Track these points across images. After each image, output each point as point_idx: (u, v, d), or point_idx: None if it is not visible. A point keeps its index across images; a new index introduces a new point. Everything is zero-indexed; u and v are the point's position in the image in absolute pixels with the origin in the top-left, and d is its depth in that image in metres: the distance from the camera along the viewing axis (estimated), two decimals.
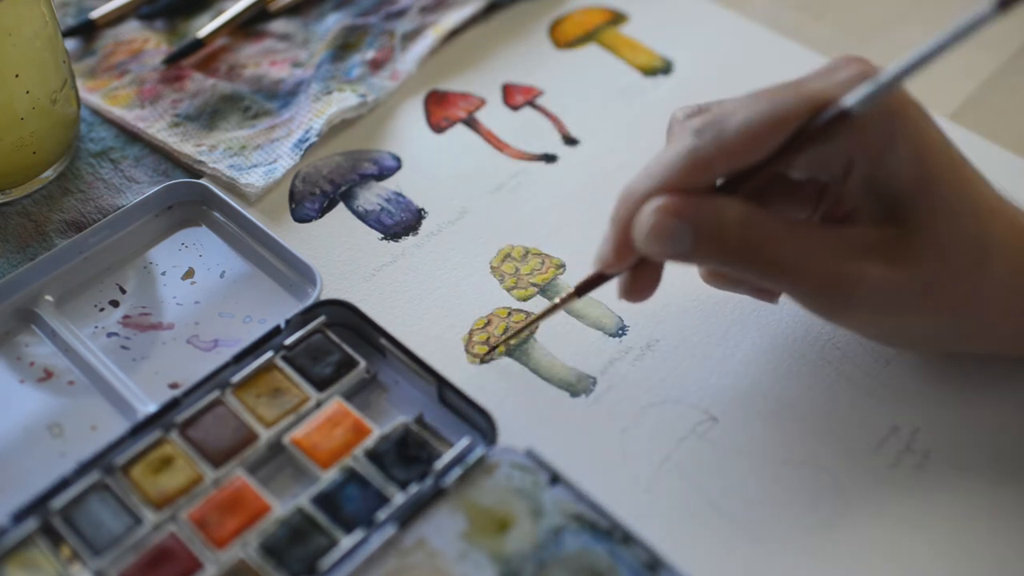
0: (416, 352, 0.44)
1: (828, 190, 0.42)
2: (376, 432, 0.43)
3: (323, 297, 0.46)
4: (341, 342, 0.45)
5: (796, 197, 0.43)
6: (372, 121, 0.56)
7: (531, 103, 0.57)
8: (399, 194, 0.52)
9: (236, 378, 0.44)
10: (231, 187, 0.52)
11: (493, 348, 0.46)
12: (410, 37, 0.59)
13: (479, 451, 0.42)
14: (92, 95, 0.56)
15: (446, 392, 0.44)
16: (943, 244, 0.39)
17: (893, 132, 0.39)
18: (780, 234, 0.38)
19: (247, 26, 0.60)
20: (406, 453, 0.42)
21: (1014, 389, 0.44)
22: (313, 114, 0.54)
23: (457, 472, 0.41)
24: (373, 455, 0.42)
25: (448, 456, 0.42)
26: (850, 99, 0.38)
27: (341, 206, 0.52)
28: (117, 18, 0.60)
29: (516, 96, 0.57)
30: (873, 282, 0.38)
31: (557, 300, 0.44)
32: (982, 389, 0.44)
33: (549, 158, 0.54)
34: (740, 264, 0.39)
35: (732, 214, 0.38)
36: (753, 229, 0.38)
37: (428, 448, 0.42)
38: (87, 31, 0.59)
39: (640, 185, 0.40)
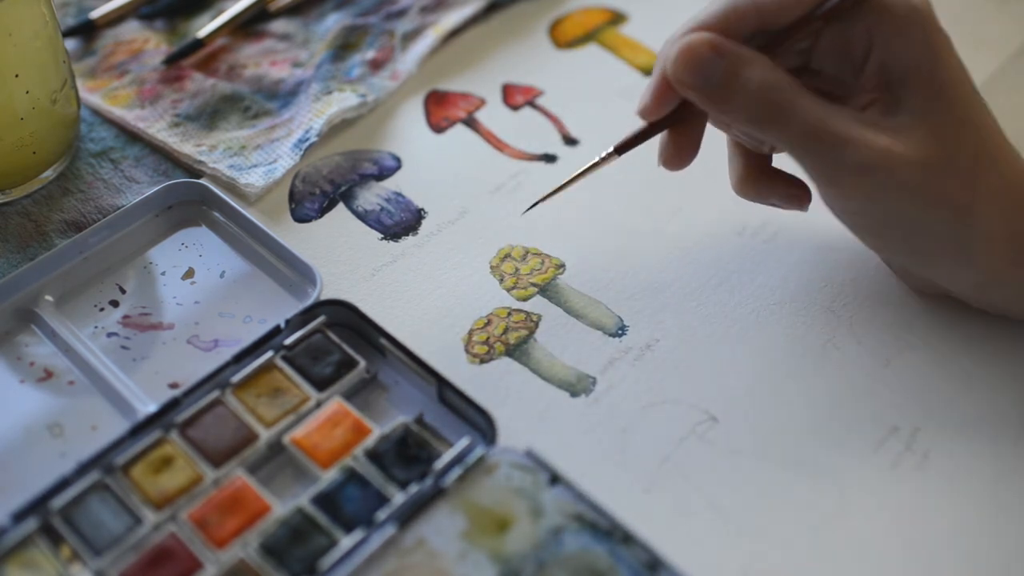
0: (416, 352, 0.44)
1: (846, 90, 0.44)
2: (376, 432, 0.43)
3: (323, 297, 0.46)
4: (341, 342, 0.45)
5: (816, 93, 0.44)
6: (372, 121, 0.56)
7: (531, 103, 0.57)
8: (399, 194, 0.52)
9: (236, 378, 0.44)
10: (231, 187, 0.52)
11: (536, 203, 0.47)
12: (410, 37, 0.59)
13: (479, 451, 0.42)
14: (92, 95, 0.56)
15: (446, 392, 0.44)
16: (945, 141, 0.41)
17: (912, 22, 0.41)
18: (800, 91, 0.41)
19: (247, 26, 0.60)
20: (406, 453, 0.42)
21: (1014, 389, 0.44)
22: (313, 114, 0.54)
23: (457, 472, 0.41)
24: (373, 455, 0.42)
25: (448, 456, 0.42)
26: None
27: (341, 206, 0.52)
28: (117, 18, 0.60)
29: (516, 96, 0.57)
30: (879, 146, 0.40)
31: (597, 159, 0.45)
32: (982, 389, 0.44)
33: (549, 158, 0.54)
34: (757, 110, 0.41)
35: (760, 59, 0.41)
36: (777, 75, 0.41)
37: (428, 448, 0.42)
38: (87, 31, 0.59)
39: (681, 30, 0.42)
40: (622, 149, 0.45)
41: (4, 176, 0.51)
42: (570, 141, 0.55)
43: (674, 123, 0.44)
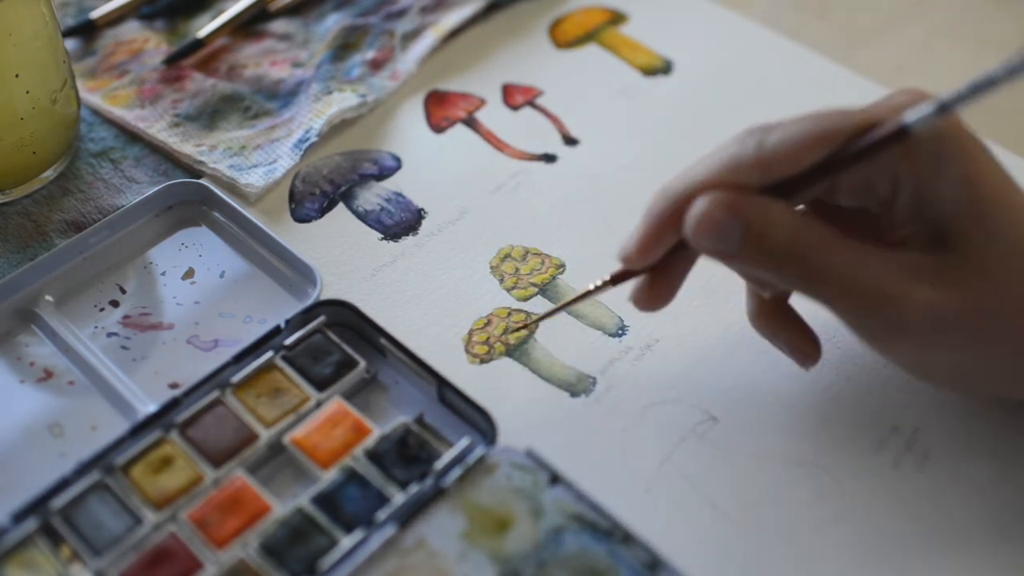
0: (416, 352, 0.44)
1: (876, 222, 0.40)
2: (376, 432, 0.43)
3: (323, 297, 0.46)
4: (341, 342, 0.45)
5: (844, 229, 0.40)
6: (372, 121, 0.56)
7: (531, 103, 0.57)
8: (399, 194, 0.52)
9: (236, 378, 0.44)
10: (231, 187, 0.52)
11: (505, 339, 0.46)
12: (410, 37, 0.59)
13: (479, 451, 0.42)
14: (92, 95, 0.56)
15: (446, 392, 0.44)
16: (996, 274, 0.37)
17: (942, 153, 0.38)
18: (830, 242, 0.38)
19: (247, 26, 0.60)
20: (406, 453, 0.42)
21: None
22: (313, 114, 0.54)
23: (457, 472, 0.41)
24: (373, 455, 0.42)
25: (448, 456, 0.42)
26: (911, 116, 0.37)
27: (341, 206, 0.52)
28: (117, 18, 0.60)
29: (516, 96, 0.57)
30: (921, 303, 0.37)
31: (592, 286, 0.43)
32: None
33: (549, 158, 0.54)
34: (786, 269, 0.38)
35: (784, 216, 0.38)
36: (804, 232, 0.38)
37: (428, 448, 0.42)
38: (87, 31, 0.59)
39: (678, 183, 0.39)
40: (618, 280, 0.42)
41: (4, 176, 0.51)
42: (570, 141, 0.55)
43: (658, 269, 0.42)
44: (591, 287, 0.43)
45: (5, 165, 0.50)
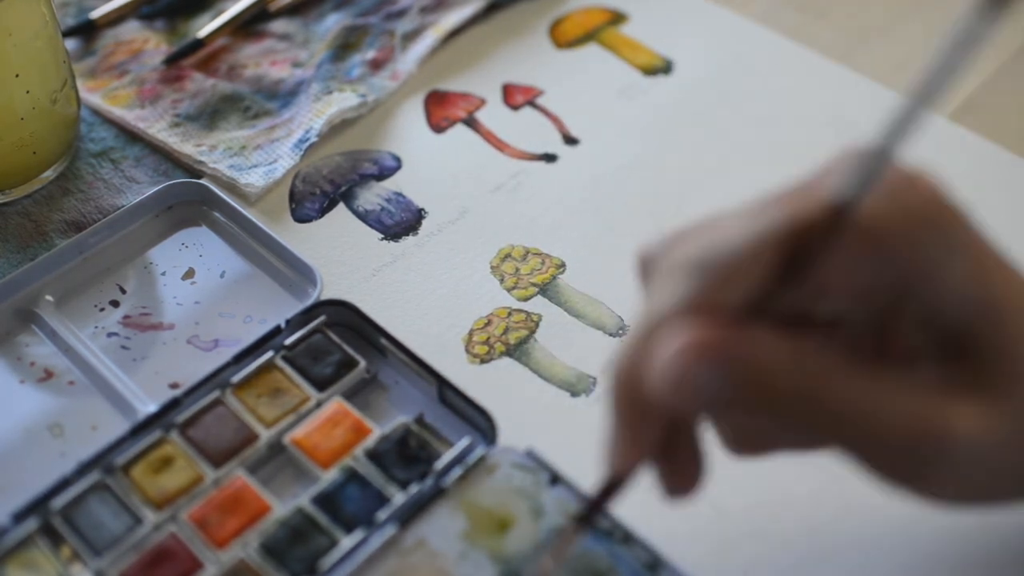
0: (416, 352, 0.44)
1: (868, 330, 0.32)
2: (376, 432, 0.43)
3: (323, 297, 0.46)
4: (341, 342, 0.45)
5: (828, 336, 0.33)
6: (372, 121, 0.56)
7: (531, 103, 0.57)
8: (399, 194, 0.52)
9: (236, 378, 0.44)
10: (231, 187, 0.52)
11: None
12: (410, 37, 0.59)
13: (479, 451, 0.42)
14: (92, 95, 0.56)
15: (446, 392, 0.44)
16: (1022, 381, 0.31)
17: (944, 246, 0.31)
18: (843, 373, 0.30)
19: (247, 26, 0.60)
20: (406, 453, 0.42)
21: None
22: (313, 114, 0.54)
23: (457, 472, 0.41)
24: (373, 455, 0.42)
25: (448, 456, 0.42)
26: (838, 187, 0.30)
27: (341, 206, 0.52)
28: (117, 18, 0.60)
29: (516, 96, 0.57)
30: (968, 427, 0.30)
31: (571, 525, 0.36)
32: None
33: (549, 158, 0.54)
34: (792, 412, 0.30)
35: (777, 346, 0.29)
36: (807, 363, 0.30)
37: (428, 448, 0.42)
38: (87, 31, 0.59)
39: (631, 358, 0.31)
40: (590, 518, 0.35)
41: (4, 176, 0.51)
42: (570, 141, 0.55)
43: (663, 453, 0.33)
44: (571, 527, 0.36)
45: (5, 165, 0.50)
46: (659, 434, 0.32)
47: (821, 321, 0.32)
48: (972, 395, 0.30)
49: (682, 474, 0.33)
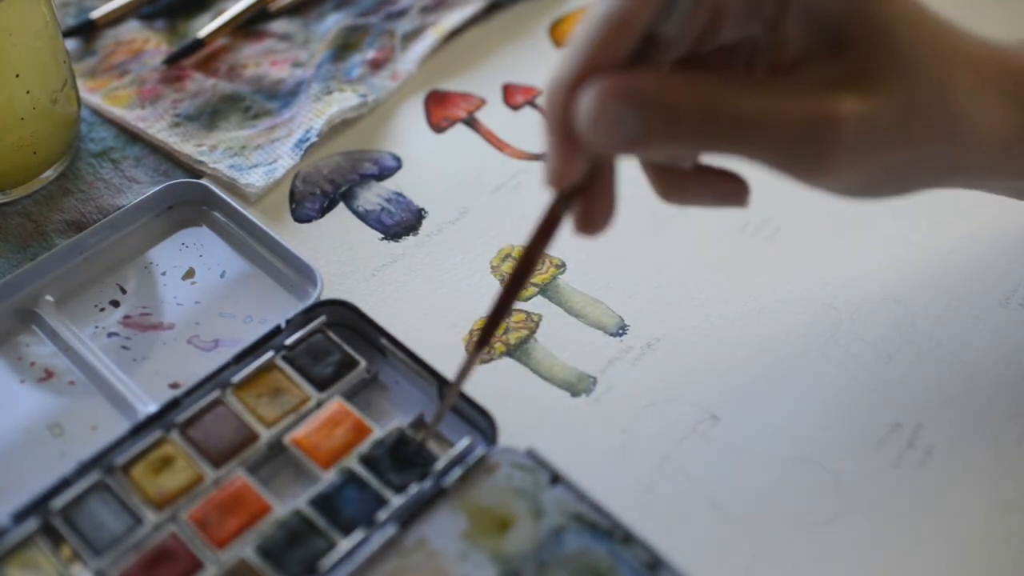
0: (416, 352, 0.44)
1: (760, 49, 0.37)
2: (373, 435, 0.43)
3: (323, 297, 0.46)
4: (342, 342, 0.45)
5: (726, 69, 0.38)
6: (372, 121, 0.56)
7: (531, 103, 0.57)
8: (399, 194, 0.52)
9: (237, 378, 0.44)
10: (231, 187, 0.52)
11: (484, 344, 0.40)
12: (410, 37, 0.59)
13: (480, 451, 0.42)
14: (92, 95, 0.56)
15: (446, 392, 0.43)
16: (907, 60, 0.35)
17: None
18: (735, 89, 0.34)
19: (247, 26, 0.60)
20: (401, 457, 0.42)
21: (1016, 386, 0.44)
22: (313, 114, 0.54)
23: (458, 472, 0.41)
24: (368, 460, 0.42)
25: (449, 456, 0.42)
26: None
27: (341, 206, 0.52)
28: (117, 18, 0.60)
29: (516, 96, 0.57)
30: (853, 114, 0.34)
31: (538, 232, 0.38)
32: (984, 386, 0.44)
33: None
34: (699, 135, 0.34)
35: (676, 80, 0.33)
36: (704, 89, 0.33)
37: (423, 452, 0.42)
38: (87, 31, 0.59)
39: (564, 72, 0.34)
40: (560, 208, 0.37)
41: (4, 176, 0.51)
42: None
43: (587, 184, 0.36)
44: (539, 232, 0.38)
45: (5, 165, 0.50)
46: (584, 164, 0.36)
47: (714, 56, 0.38)
48: (854, 87, 0.34)
49: (596, 213, 0.37)
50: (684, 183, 0.39)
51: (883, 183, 0.38)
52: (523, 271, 0.38)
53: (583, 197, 0.37)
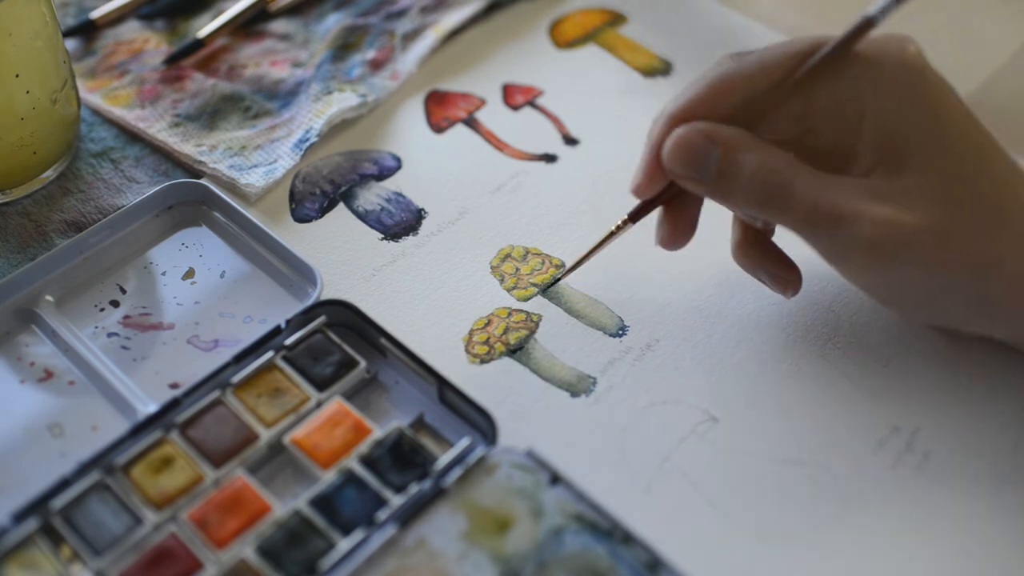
0: (416, 352, 0.44)
1: (844, 160, 0.42)
2: (372, 435, 0.43)
3: (323, 297, 0.46)
4: (341, 342, 0.45)
5: (823, 169, 0.42)
6: (372, 121, 0.56)
7: (531, 103, 0.57)
8: (399, 194, 0.52)
9: (236, 378, 0.44)
10: (231, 187, 0.52)
11: (548, 286, 0.48)
12: (410, 37, 0.59)
13: (479, 451, 0.42)
14: (92, 95, 0.56)
15: (446, 392, 0.44)
16: (955, 196, 0.39)
17: (906, 83, 0.40)
18: (795, 167, 0.40)
19: (247, 26, 0.60)
20: (401, 458, 0.42)
21: (1015, 389, 0.44)
22: (313, 114, 0.54)
23: (457, 472, 0.41)
24: (368, 460, 0.42)
25: (448, 456, 0.42)
26: (873, 8, 0.40)
27: (341, 206, 0.52)
28: (117, 18, 0.60)
29: (516, 96, 0.57)
30: (880, 219, 0.39)
31: (614, 227, 0.46)
32: (983, 390, 0.44)
33: (549, 158, 0.54)
34: (755, 195, 0.40)
35: (754, 144, 0.40)
36: (772, 159, 0.40)
37: (423, 452, 0.42)
38: (87, 31, 0.59)
39: (669, 107, 0.42)
40: (636, 216, 0.45)
41: (4, 176, 0.51)
42: (570, 141, 0.55)
43: (670, 199, 0.44)
44: (613, 228, 0.46)
45: (5, 165, 0.50)
46: (663, 180, 0.43)
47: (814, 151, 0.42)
48: (896, 201, 0.39)
49: (673, 233, 0.45)
50: (753, 248, 0.45)
51: (913, 301, 0.42)
52: (585, 256, 0.47)
53: (666, 215, 0.45)
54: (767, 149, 0.40)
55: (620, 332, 0.47)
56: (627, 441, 0.43)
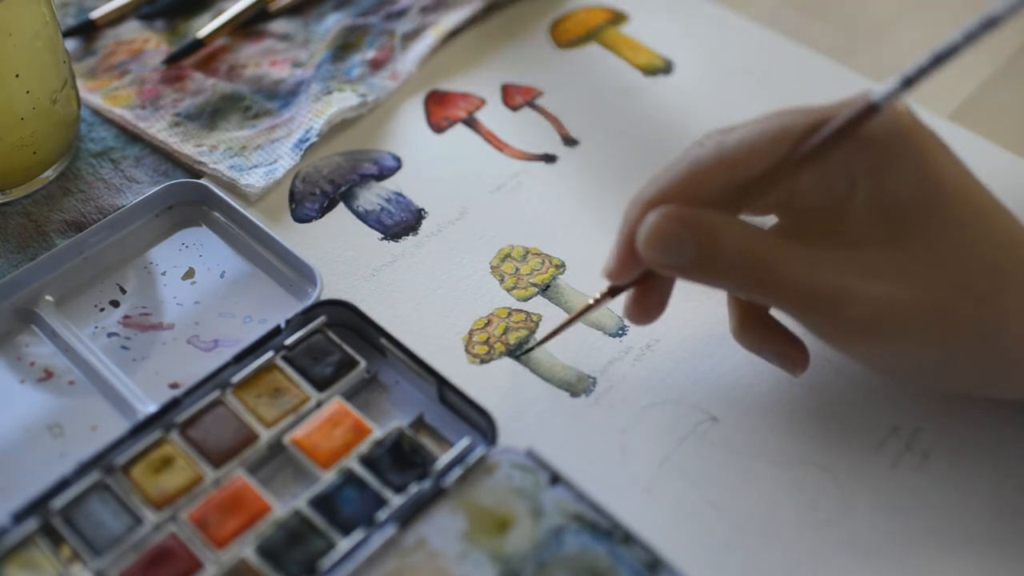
0: (416, 352, 0.44)
1: (839, 221, 0.40)
2: (372, 435, 0.43)
3: (323, 297, 0.46)
4: (341, 342, 0.45)
5: (812, 235, 0.40)
6: (372, 121, 0.56)
7: (531, 103, 0.57)
8: (399, 194, 0.53)
9: (236, 378, 0.44)
10: (231, 187, 0.52)
11: (523, 351, 0.46)
12: (410, 37, 0.59)
13: (479, 451, 0.42)
14: (92, 95, 0.56)
15: (446, 392, 0.44)
16: (955, 263, 0.37)
17: (898, 150, 0.38)
18: (780, 249, 0.38)
19: (247, 26, 0.60)
20: (401, 458, 0.42)
21: None
22: (313, 114, 0.54)
23: (457, 472, 0.41)
24: (368, 460, 0.42)
25: (448, 456, 0.42)
26: (877, 93, 0.37)
27: (341, 206, 0.52)
28: (117, 18, 0.59)
29: (516, 96, 0.57)
30: (873, 298, 0.37)
31: (591, 300, 0.43)
32: None
33: (549, 158, 0.54)
34: (739, 279, 0.38)
35: (734, 227, 0.38)
36: (754, 242, 0.38)
37: (423, 452, 0.42)
38: (87, 31, 0.59)
39: (645, 193, 0.40)
40: (616, 292, 0.43)
41: (4, 176, 0.51)
42: (570, 141, 0.55)
43: (642, 282, 0.42)
44: (591, 301, 0.43)
45: (5, 165, 0.50)
46: (638, 267, 0.41)
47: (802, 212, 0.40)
48: (890, 275, 0.37)
49: (643, 311, 0.43)
50: (753, 327, 0.43)
51: (921, 374, 0.41)
52: (563, 326, 0.44)
53: (637, 292, 0.42)
54: (747, 233, 0.38)
55: (620, 332, 0.47)
56: (627, 441, 0.43)
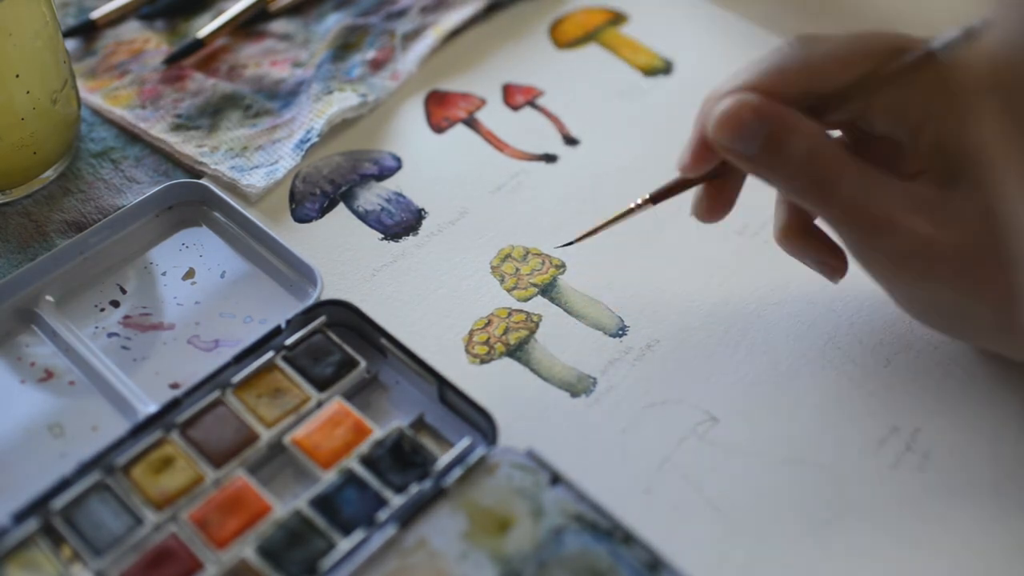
0: (416, 352, 0.44)
1: (901, 152, 0.41)
2: (372, 436, 0.43)
3: (323, 297, 0.46)
4: (342, 342, 0.45)
5: (871, 157, 0.41)
6: (372, 121, 0.56)
7: (531, 103, 0.57)
8: (399, 194, 0.53)
9: (237, 378, 0.44)
10: (232, 187, 0.52)
11: (581, 238, 0.45)
12: (410, 37, 0.59)
13: (480, 451, 0.42)
14: (93, 95, 0.56)
15: (446, 392, 0.44)
16: (999, 219, 0.37)
17: (977, 102, 0.38)
18: (845, 162, 0.38)
19: (247, 26, 0.60)
20: (401, 458, 0.42)
21: (1014, 390, 0.44)
22: (314, 114, 0.54)
23: (458, 472, 0.41)
24: (368, 460, 0.42)
25: (449, 456, 0.42)
26: (938, 41, 0.39)
27: (341, 206, 0.52)
28: (118, 18, 0.59)
29: (516, 96, 0.57)
30: (919, 234, 0.38)
31: (632, 205, 0.44)
32: (983, 390, 0.44)
33: (549, 158, 0.54)
34: (798, 181, 0.39)
35: (807, 128, 0.39)
36: (821, 148, 0.38)
37: (423, 452, 0.42)
38: (87, 31, 0.59)
39: (724, 85, 0.40)
40: (657, 198, 0.43)
41: (4, 176, 0.51)
42: (570, 141, 0.55)
43: (712, 178, 0.43)
44: (631, 205, 0.44)
45: (5, 165, 0.50)
46: (711, 161, 0.41)
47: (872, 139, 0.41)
48: (939, 215, 0.38)
49: (710, 208, 0.44)
50: (799, 233, 0.43)
51: (934, 315, 0.42)
52: (599, 228, 0.45)
53: (707, 188, 0.43)
54: (818, 136, 0.39)
55: (620, 332, 0.47)
56: (627, 441, 0.43)
